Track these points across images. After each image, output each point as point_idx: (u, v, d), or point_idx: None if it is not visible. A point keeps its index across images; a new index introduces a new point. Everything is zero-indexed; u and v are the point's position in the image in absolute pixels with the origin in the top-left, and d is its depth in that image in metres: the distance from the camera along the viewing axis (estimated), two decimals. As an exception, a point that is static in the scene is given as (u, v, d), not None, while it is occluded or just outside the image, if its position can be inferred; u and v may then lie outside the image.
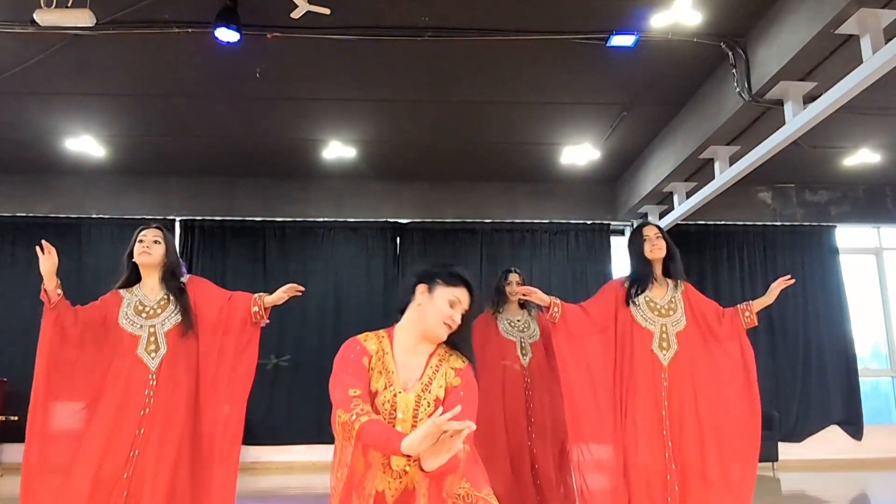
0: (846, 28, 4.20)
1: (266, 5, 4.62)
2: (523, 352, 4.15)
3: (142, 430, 2.85)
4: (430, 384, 2.05)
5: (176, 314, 3.02)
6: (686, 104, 6.19)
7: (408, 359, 2.09)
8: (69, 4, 4.36)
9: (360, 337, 2.13)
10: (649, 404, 3.27)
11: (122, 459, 2.82)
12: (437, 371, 2.08)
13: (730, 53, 5.17)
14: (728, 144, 6.03)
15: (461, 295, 2.12)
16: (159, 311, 3.01)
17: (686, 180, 6.89)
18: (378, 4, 4.71)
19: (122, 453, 2.82)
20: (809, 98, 4.93)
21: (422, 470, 1.82)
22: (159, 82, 5.75)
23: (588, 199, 8.19)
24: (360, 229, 7.96)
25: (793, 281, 3.40)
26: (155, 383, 2.91)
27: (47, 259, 2.86)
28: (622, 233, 8.32)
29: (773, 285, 3.39)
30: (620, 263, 8.19)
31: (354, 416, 1.84)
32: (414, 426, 1.99)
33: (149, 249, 3.04)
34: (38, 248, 2.87)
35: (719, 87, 5.57)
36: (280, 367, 7.27)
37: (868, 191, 8.27)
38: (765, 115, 5.41)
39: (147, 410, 2.88)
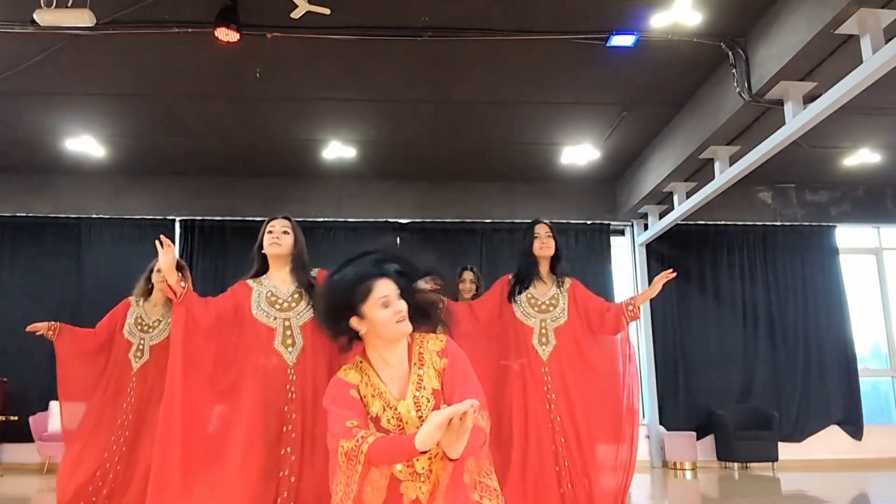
0: (846, 28, 4.21)
1: (266, 5, 4.63)
2: None
3: (290, 427, 2.77)
4: (422, 381, 2.00)
5: (309, 309, 2.95)
6: (686, 104, 6.19)
7: (391, 371, 2.03)
8: (69, 4, 4.37)
9: (340, 373, 2.05)
10: (535, 402, 3.27)
11: (276, 457, 2.74)
12: (423, 364, 2.02)
13: (730, 53, 5.17)
14: (728, 144, 6.03)
15: (382, 289, 1.97)
16: (293, 304, 2.96)
17: (686, 180, 6.89)
18: (378, 4, 4.71)
19: (275, 452, 2.75)
20: (809, 98, 4.93)
21: (450, 460, 1.78)
22: (159, 82, 5.76)
23: (588, 199, 8.19)
24: (360, 229, 7.96)
25: (675, 274, 3.43)
26: (294, 378, 2.84)
27: (167, 253, 2.84)
28: (622, 233, 8.32)
29: (656, 279, 3.42)
30: (620, 263, 8.20)
31: (360, 440, 1.81)
32: None
33: (278, 240, 3.02)
34: (157, 244, 2.87)
35: (719, 87, 5.57)
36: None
37: (868, 191, 8.27)
38: (765, 115, 5.42)
39: (290, 406, 2.80)
